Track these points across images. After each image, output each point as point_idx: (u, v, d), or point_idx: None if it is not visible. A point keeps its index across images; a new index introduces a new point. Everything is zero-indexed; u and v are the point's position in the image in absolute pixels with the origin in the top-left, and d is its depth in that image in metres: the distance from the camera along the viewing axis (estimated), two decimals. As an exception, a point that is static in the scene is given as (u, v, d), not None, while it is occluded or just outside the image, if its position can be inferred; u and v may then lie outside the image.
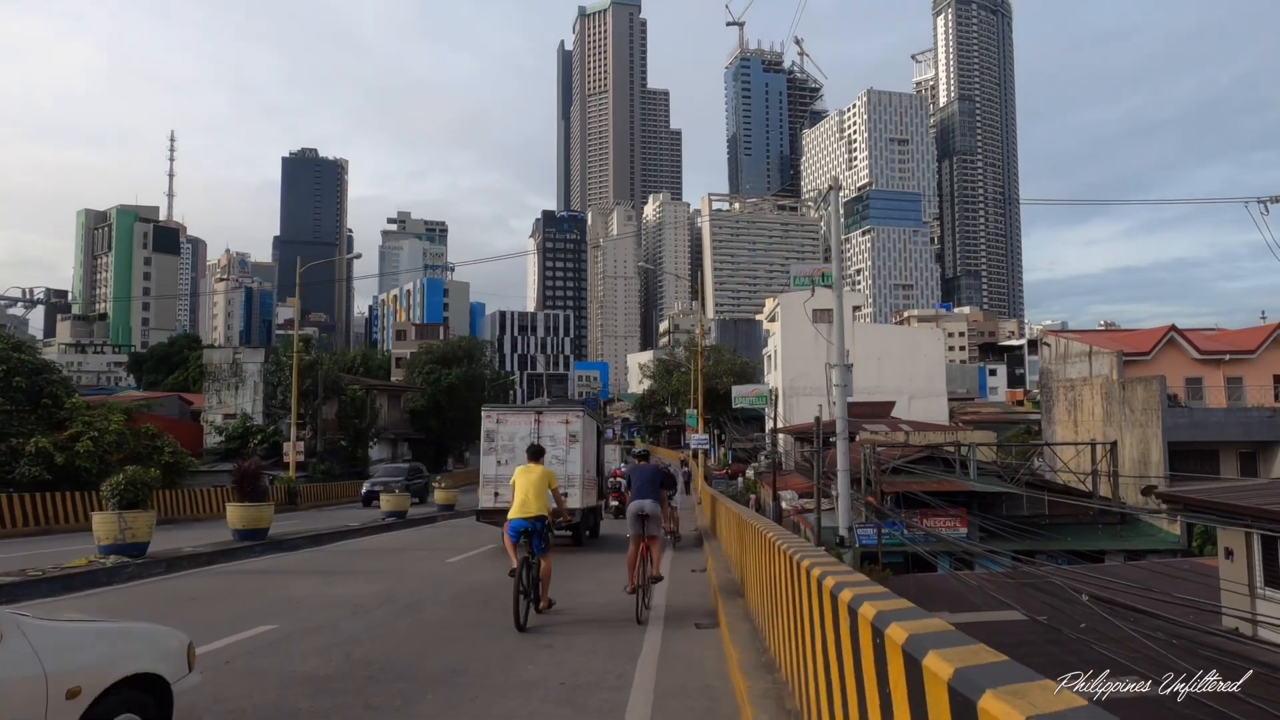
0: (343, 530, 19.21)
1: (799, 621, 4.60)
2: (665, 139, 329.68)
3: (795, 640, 4.73)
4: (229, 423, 40.00)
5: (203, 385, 43.71)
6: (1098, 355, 30.77)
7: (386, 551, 15.97)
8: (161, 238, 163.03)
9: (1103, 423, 30.20)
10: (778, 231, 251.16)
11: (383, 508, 23.41)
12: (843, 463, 20.30)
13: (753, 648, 6.39)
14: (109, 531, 12.03)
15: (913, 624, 2.52)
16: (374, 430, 44.69)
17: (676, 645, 7.60)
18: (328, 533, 18.20)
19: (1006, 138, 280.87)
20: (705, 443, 38.54)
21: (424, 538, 19.14)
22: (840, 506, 20.44)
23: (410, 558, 14.88)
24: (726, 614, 7.80)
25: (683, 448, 68.36)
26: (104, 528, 12.10)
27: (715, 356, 72.89)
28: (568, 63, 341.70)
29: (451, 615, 9.12)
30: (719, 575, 10.51)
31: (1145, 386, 27.75)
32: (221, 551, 13.91)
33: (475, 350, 65.00)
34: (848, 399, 35.25)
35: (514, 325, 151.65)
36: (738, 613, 7.86)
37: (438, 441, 57.45)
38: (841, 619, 3.31)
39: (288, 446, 30.08)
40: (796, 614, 4.69)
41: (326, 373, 40.21)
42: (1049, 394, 34.86)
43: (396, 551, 15.96)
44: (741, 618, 7.57)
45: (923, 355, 51.77)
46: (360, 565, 13.67)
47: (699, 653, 7.30)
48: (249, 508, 15.30)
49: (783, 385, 51.47)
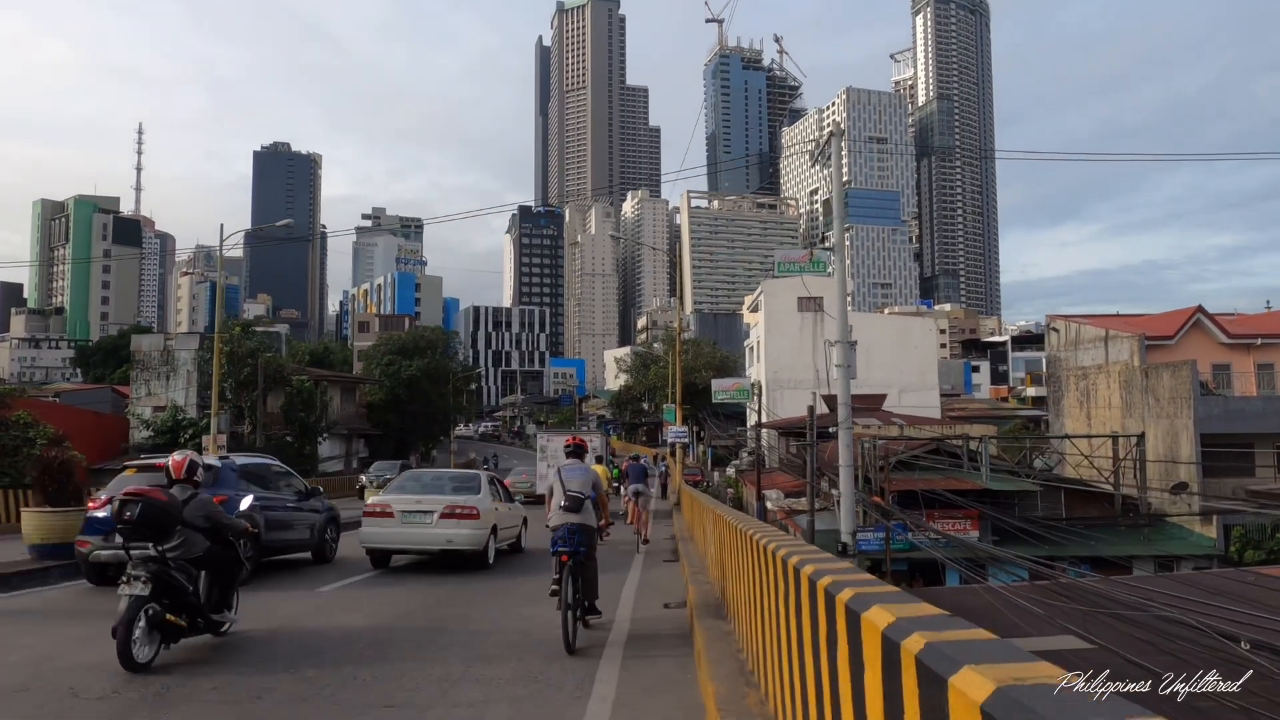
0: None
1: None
2: (644, 136, 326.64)
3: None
4: (158, 415, 36.23)
5: (130, 374, 39.90)
6: (1116, 340, 27.93)
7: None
8: (122, 229, 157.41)
9: (1121, 414, 27.36)
10: (756, 229, 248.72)
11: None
12: (845, 456, 17.20)
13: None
14: None
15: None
16: (324, 425, 41.05)
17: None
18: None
19: (984, 137, 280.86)
20: (684, 435, 35.35)
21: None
22: (842, 508, 17.34)
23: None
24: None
25: (660, 444, 65.15)
26: None
27: (694, 350, 69.81)
28: (546, 58, 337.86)
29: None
30: (702, 608, 7.32)
31: (1173, 372, 24.91)
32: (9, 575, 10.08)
33: (438, 340, 61.28)
34: (828, 394, 31.88)
35: (488, 321, 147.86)
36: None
37: (398, 437, 53.74)
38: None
39: (207, 440, 26.48)
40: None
41: (268, 361, 36.54)
42: (1057, 383, 32.03)
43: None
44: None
45: (913, 347, 48.93)
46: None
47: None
48: (52, 516, 11.35)
49: (765, 378, 48.41)
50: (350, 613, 8.58)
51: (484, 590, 10.26)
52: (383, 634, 7.37)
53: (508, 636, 7.35)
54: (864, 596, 2.43)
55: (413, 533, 11.90)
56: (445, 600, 9.45)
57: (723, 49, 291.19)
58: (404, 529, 11.89)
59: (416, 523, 11.89)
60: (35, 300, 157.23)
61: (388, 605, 9.00)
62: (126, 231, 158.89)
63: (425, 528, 11.84)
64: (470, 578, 11.37)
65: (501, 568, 12.58)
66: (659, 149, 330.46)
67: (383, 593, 10.10)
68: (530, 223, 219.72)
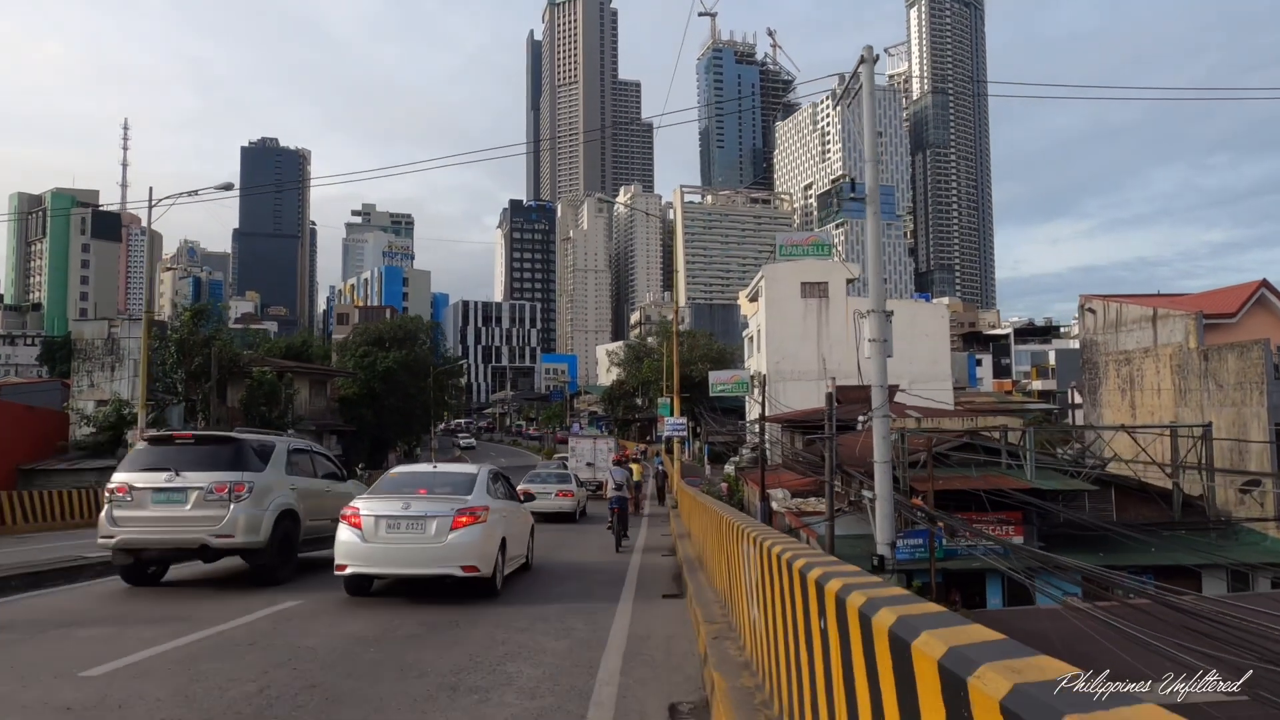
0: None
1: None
2: (636, 131, 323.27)
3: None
4: (101, 410, 32.82)
5: (70, 365, 36.43)
6: (1166, 319, 24.82)
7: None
8: (101, 223, 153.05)
9: (1174, 402, 24.27)
10: (750, 225, 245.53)
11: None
12: (882, 450, 14.05)
13: None
14: None
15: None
16: (289, 420, 37.67)
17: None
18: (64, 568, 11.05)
19: (979, 131, 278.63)
20: (681, 429, 32.20)
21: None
22: (879, 513, 14.19)
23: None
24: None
25: (654, 440, 61.95)
26: None
27: (690, 342, 66.62)
28: (537, 53, 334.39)
29: None
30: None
31: (1239, 354, 21.81)
32: None
33: (416, 330, 57.76)
34: (846, 385, 28.53)
35: (478, 316, 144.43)
36: None
37: (374, 434, 50.30)
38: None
39: (132, 435, 23.14)
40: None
41: (222, 349, 33.16)
42: (1094, 370, 28.92)
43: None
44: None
45: (924, 335, 45.80)
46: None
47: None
48: None
49: (767, 369, 45.29)
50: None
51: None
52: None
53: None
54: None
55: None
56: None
57: (715, 43, 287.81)
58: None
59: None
60: (12, 296, 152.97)
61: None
62: (106, 225, 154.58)
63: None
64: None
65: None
66: (651, 145, 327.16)
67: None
68: (521, 217, 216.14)
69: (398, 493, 9.82)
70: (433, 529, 9.17)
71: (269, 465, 10.54)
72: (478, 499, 9.76)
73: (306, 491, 11.28)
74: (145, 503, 9.77)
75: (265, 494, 10.19)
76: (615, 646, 6.83)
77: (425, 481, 10.29)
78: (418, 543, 9.17)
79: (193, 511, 9.67)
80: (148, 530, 9.69)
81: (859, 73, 15.68)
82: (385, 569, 9.31)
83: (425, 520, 9.21)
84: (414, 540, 9.18)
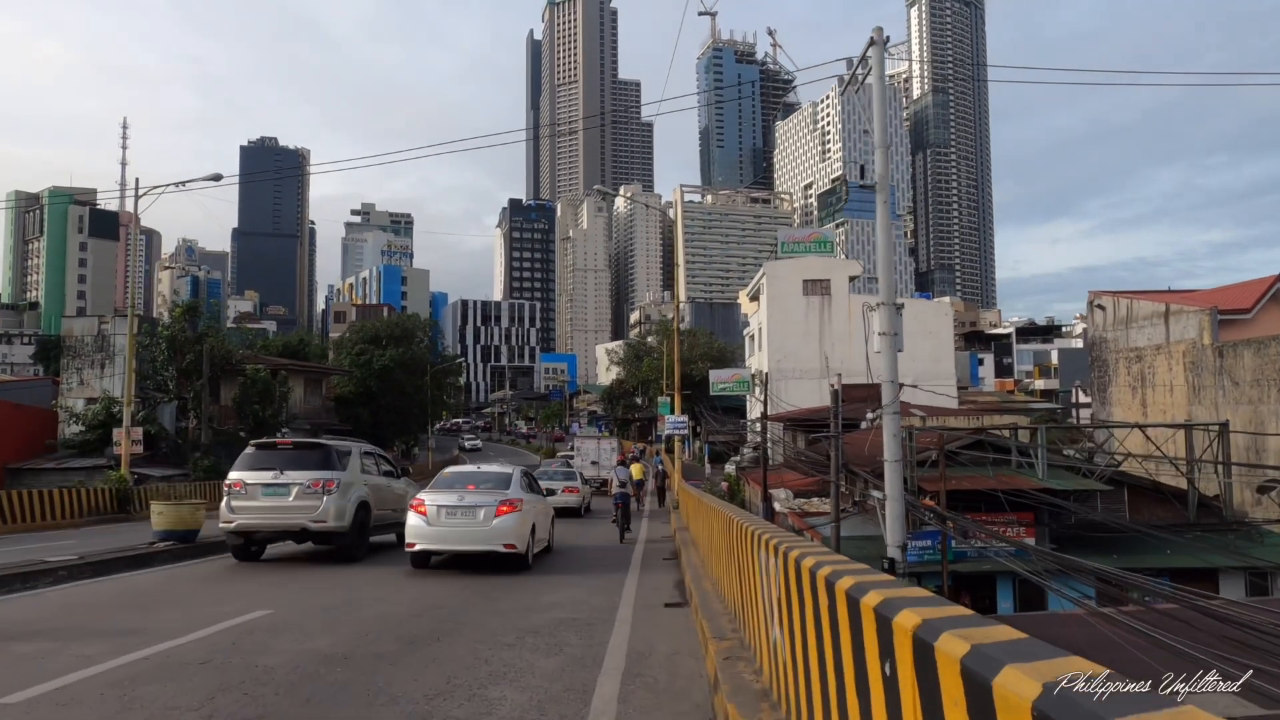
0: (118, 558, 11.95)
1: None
2: (636, 131, 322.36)
3: None
4: (91, 408, 32.11)
5: (60, 363, 35.74)
6: (1179, 315, 24.19)
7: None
8: (99, 222, 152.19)
9: (1187, 400, 23.65)
10: (750, 225, 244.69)
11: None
12: (893, 448, 13.42)
13: None
14: None
15: None
16: (283, 418, 36.97)
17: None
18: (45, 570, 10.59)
19: (980, 131, 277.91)
20: (682, 427, 31.54)
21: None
22: (889, 514, 13.57)
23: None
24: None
25: (653, 440, 61.30)
26: None
27: (690, 340, 65.99)
28: (537, 52, 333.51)
29: None
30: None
31: (1257, 350, 21.19)
32: None
33: (413, 328, 56.97)
34: (849, 383, 27.90)
35: (477, 315, 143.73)
36: None
37: (370, 433, 49.51)
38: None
39: (118, 434, 22.46)
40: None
41: (214, 346, 32.48)
42: (1103, 368, 28.29)
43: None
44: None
45: (928, 333, 45.11)
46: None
47: None
48: None
49: (768, 367, 44.66)
50: None
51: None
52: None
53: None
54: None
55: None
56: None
57: (715, 42, 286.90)
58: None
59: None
60: (9, 295, 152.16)
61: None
62: (103, 224, 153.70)
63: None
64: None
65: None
66: (651, 144, 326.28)
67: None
68: (521, 216, 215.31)
69: (452, 488, 12.34)
70: (481, 515, 11.71)
71: (348, 465, 12.97)
72: (514, 493, 12.20)
73: (374, 486, 13.69)
74: (256, 495, 12.26)
75: (348, 488, 12.65)
76: (612, 666, 6.15)
77: (473, 479, 12.85)
78: (470, 526, 11.70)
79: (294, 502, 12.19)
80: (259, 517, 12.26)
81: (868, 57, 15.03)
82: (445, 546, 11.90)
83: (476, 509, 11.74)
84: (467, 525, 11.65)
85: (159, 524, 13.56)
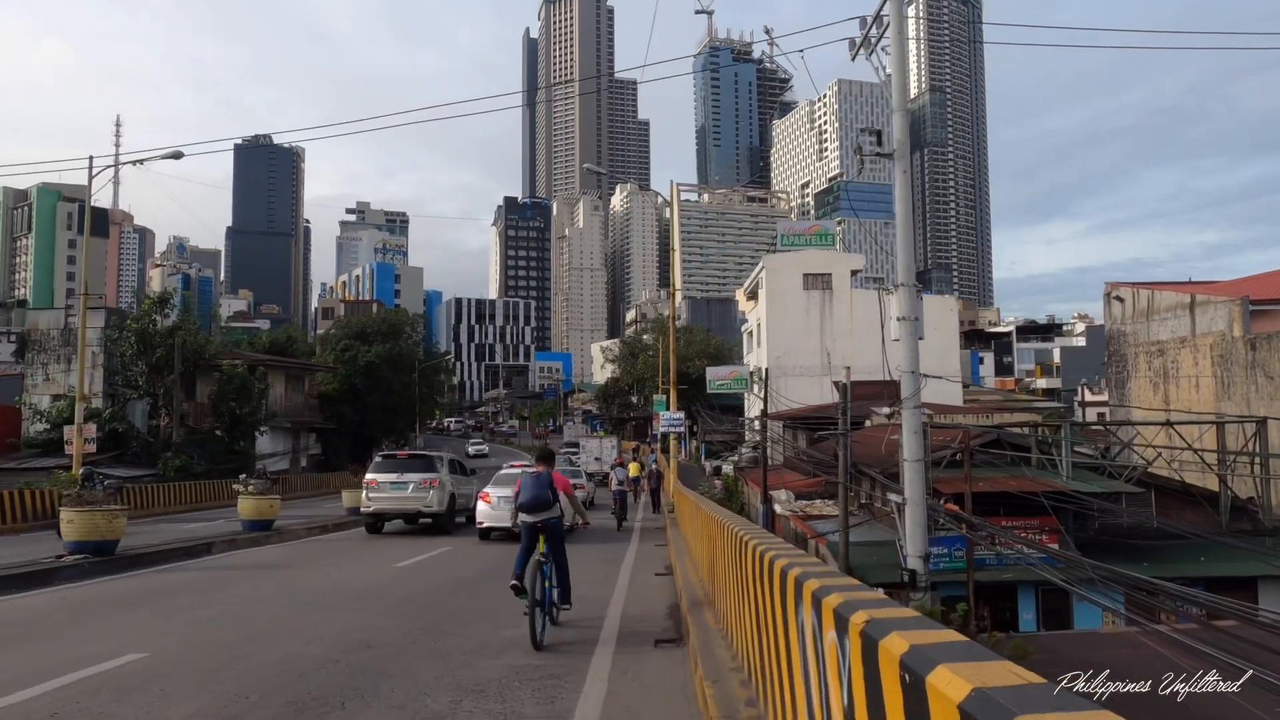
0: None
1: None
2: (633, 129, 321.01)
3: None
4: (56, 405, 30.53)
5: (24, 357, 34.10)
6: (1206, 306, 22.77)
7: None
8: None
9: (1215, 395, 22.24)
10: (747, 223, 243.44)
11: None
12: (913, 446, 11.96)
13: None
14: None
15: None
16: (261, 416, 35.42)
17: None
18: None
19: (977, 130, 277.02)
20: (679, 424, 30.09)
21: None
22: (909, 520, 12.10)
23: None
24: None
25: (649, 439, 59.83)
26: None
27: (687, 337, 64.53)
28: (533, 51, 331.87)
29: None
30: None
31: (1293, 342, 19.77)
32: None
33: (401, 323, 55.36)
34: (853, 380, 26.49)
35: (471, 313, 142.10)
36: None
37: (355, 431, 47.99)
38: None
39: (70, 431, 20.91)
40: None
41: (186, 341, 30.92)
42: (1121, 363, 26.88)
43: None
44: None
45: (932, 329, 43.52)
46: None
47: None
48: None
49: (767, 364, 43.21)
50: None
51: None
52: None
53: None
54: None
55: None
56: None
57: (712, 40, 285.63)
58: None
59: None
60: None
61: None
62: (94, 222, 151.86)
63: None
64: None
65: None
66: (648, 143, 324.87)
67: None
68: (516, 214, 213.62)
69: (507, 484, 16.57)
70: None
71: (442, 469, 18.99)
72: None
73: (457, 482, 19.71)
74: (385, 489, 18.27)
75: (444, 485, 18.65)
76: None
77: (520, 477, 15.80)
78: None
79: (411, 494, 18.18)
80: (387, 504, 18.28)
81: (882, 15, 13.57)
82: (503, 524, 16.42)
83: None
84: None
85: (69, 534, 11.98)
